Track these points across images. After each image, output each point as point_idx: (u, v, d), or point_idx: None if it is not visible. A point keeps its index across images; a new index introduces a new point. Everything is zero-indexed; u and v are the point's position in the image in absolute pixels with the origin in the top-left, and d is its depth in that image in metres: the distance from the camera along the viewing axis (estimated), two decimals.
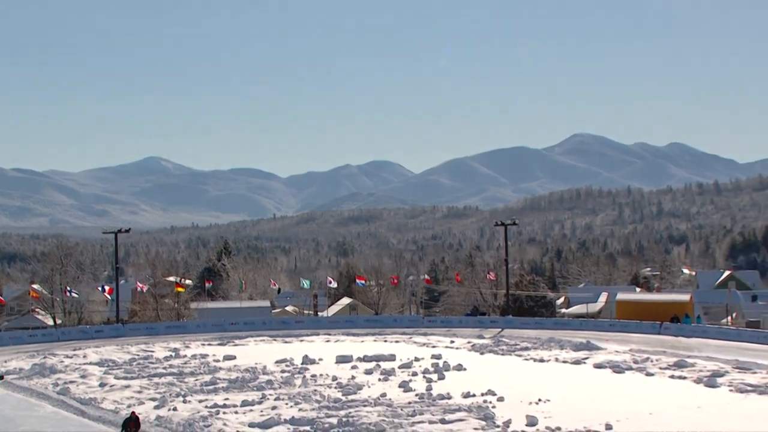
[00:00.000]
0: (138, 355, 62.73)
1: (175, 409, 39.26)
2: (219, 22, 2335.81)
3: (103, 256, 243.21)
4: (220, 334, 78.00)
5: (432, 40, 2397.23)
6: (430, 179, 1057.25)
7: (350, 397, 41.44)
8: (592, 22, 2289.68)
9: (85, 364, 58.14)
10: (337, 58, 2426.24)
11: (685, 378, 48.20)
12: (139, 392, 44.95)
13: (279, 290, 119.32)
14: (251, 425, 35.05)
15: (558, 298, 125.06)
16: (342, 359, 56.24)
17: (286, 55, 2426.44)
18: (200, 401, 41.23)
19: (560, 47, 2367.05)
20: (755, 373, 49.49)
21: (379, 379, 47.93)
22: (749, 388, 44.10)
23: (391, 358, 56.70)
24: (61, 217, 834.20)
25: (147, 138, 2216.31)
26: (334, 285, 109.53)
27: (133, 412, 29.92)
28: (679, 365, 52.52)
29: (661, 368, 51.93)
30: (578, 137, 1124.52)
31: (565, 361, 56.66)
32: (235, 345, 69.31)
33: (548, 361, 57.20)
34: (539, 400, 39.97)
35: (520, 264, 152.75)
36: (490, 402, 39.59)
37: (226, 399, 41.62)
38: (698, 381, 46.81)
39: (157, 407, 39.86)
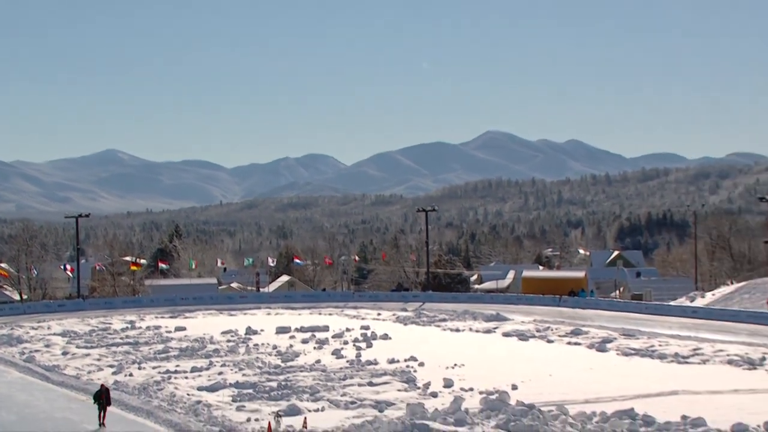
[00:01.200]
0: (97, 326, 62.06)
1: (131, 374, 39.06)
2: (173, 21, 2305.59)
3: (65, 238, 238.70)
4: (172, 308, 77.30)
5: (364, 41, 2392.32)
6: (360, 170, 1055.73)
7: (288, 364, 41.45)
8: (499, 29, 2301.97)
9: (49, 334, 57.56)
10: (277, 60, 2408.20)
11: (580, 344, 49.03)
12: (99, 360, 44.60)
13: (225, 269, 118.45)
14: (200, 389, 34.88)
15: (472, 276, 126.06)
16: (281, 330, 56.19)
17: (231, 56, 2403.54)
18: (154, 368, 40.98)
19: (474, 51, 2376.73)
20: (638, 339, 50.51)
21: (314, 348, 47.99)
22: (633, 351, 45.17)
23: (325, 329, 56.78)
24: (27, 204, 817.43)
25: (105, 131, 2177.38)
26: (274, 264, 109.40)
27: (102, 385, 29.19)
28: (575, 333, 53.39)
29: (559, 336, 52.76)
30: (490, 134, 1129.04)
31: (477, 331, 57.24)
32: (186, 318, 68.82)
33: (463, 330, 57.73)
34: (455, 364, 40.31)
35: (439, 245, 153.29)
36: (412, 367, 39.85)
37: (177, 366, 41.38)
38: (591, 346, 47.68)
39: (114, 373, 39.62)
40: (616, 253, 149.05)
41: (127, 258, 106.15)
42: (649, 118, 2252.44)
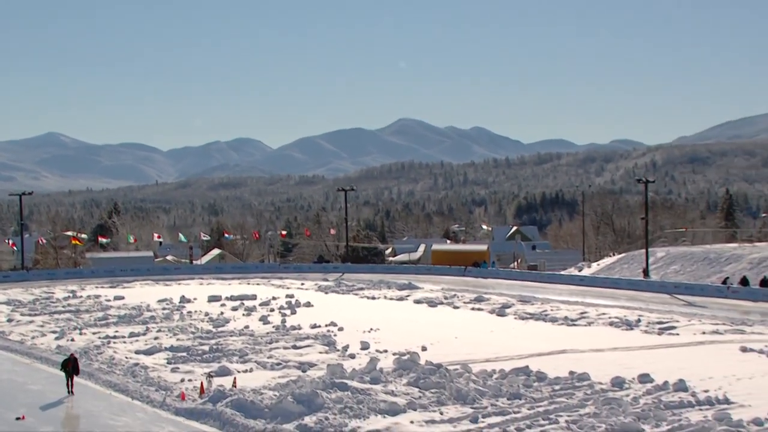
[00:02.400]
0: (41, 296, 60.49)
1: (72, 339, 38.39)
2: (110, 8, 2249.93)
3: (9, 215, 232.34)
4: (111, 279, 75.80)
5: (288, 33, 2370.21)
6: (285, 153, 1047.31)
7: (219, 329, 41.17)
8: (411, 23, 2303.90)
9: None
10: (208, 49, 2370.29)
11: (482, 309, 49.59)
12: (42, 326, 43.59)
13: (161, 243, 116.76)
14: (137, 352, 34.46)
15: (386, 249, 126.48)
16: (213, 298, 55.66)
17: (165, 45, 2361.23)
18: (94, 333, 40.29)
19: (388, 44, 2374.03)
20: (533, 304, 51.28)
21: (243, 315, 47.70)
22: (528, 315, 45.89)
23: (253, 297, 56.41)
24: None
25: (47, 115, 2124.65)
26: (206, 238, 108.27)
27: (72, 354, 28.30)
28: (478, 300, 53.99)
29: (464, 302, 53.26)
30: (403, 121, 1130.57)
31: (391, 299, 57.45)
32: (124, 288, 67.50)
33: (378, 298, 57.92)
34: (371, 329, 40.48)
35: (357, 222, 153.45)
36: (332, 331, 39.93)
37: (116, 331, 40.77)
38: (492, 311, 48.27)
39: (57, 338, 38.86)
40: (514, 228, 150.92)
41: (69, 233, 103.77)
42: (544, 108, 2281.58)
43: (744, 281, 58.02)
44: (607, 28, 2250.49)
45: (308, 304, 52.34)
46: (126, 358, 33.11)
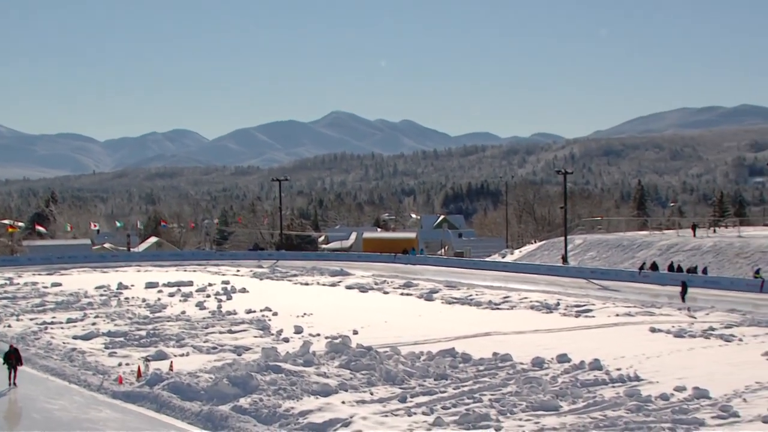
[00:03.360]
0: None
1: (9, 326, 37.35)
2: None
3: None
4: (48, 267, 74.13)
5: (224, 25, 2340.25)
6: (221, 144, 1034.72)
7: (156, 315, 40.56)
8: (342, 18, 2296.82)
9: None
10: (144, 41, 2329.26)
11: (411, 295, 49.72)
12: None
13: (98, 231, 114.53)
14: (74, 337, 33.72)
15: (319, 237, 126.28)
16: (150, 285, 54.82)
17: (102, 36, 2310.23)
18: (31, 319, 39.24)
19: (321, 39, 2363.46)
20: (459, 289, 51.67)
21: (180, 301, 47.04)
22: (455, 300, 46.22)
23: (190, 283, 55.70)
24: None
25: None
26: (143, 227, 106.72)
27: (11, 345, 27.32)
28: (407, 285, 54.15)
29: (394, 288, 53.32)
30: (335, 114, 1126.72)
31: (324, 284, 57.30)
32: (61, 275, 65.89)
33: (311, 284, 57.70)
34: (304, 313, 40.31)
35: (291, 211, 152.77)
36: (267, 316, 39.67)
37: (54, 317, 39.79)
38: (420, 296, 48.47)
39: None
40: (442, 217, 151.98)
41: (5, 221, 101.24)
42: (469, 102, 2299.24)
43: (654, 266, 59.49)
44: (527, 27, 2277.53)
45: (243, 290, 51.91)
46: (63, 343, 32.38)
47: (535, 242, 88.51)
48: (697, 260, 59.72)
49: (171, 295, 49.89)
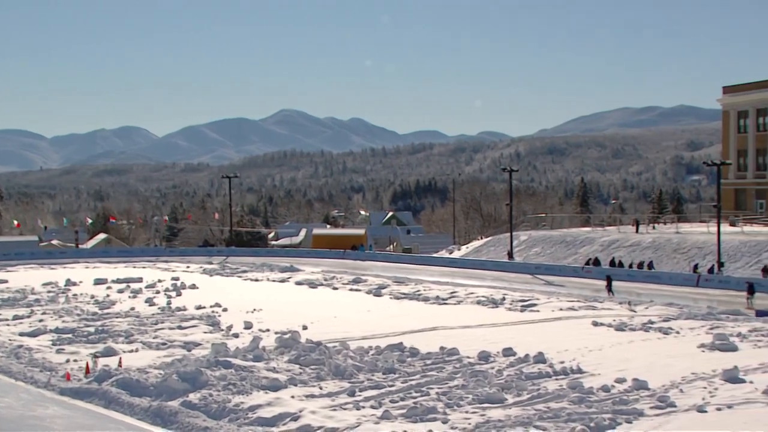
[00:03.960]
0: None
1: None
2: None
3: None
4: None
5: (173, 22, 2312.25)
6: (171, 141, 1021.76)
7: (105, 311, 39.97)
8: (289, 17, 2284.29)
9: None
10: (93, 38, 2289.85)
11: (360, 290, 49.73)
12: None
13: (45, 227, 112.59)
14: (21, 334, 33.06)
15: (269, 233, 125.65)
16: (99, 281, 53.97)
17: (50, 31, 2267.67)
18: None
19: (270, 36, 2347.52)
20: (407, 285, 51.79)
21: (129, 297, 46.41)
22: (403, 295, 46.32)
23: (139, 280, 54.99)
24: None
25: None
26: (91, 223, 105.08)
27: None
28: (356, 281, 54.17)
29: (343, 284, 53.26)
30: (284, 111, 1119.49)
31: (274, 280, 57.05)
32: (8, 271, 64.10)
33: (261, 280, 57.41)
34: (254, 309, 40.13)
35: (241, 207, 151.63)
36: (217, 312, 39.40)
37: None
38: (369, 292, 48.47)
39: None
40: (390, 214, 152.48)
41: None
42: (418, 101, 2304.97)
43: (596, 262, 60.31)
44: (474, 27, 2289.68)
45: (193, 287, 51.44)
46: (9, 340, 31.69)
47: (482, 238, 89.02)
48: (638, 256, 60.67)
49: (120, 291, 49.17)
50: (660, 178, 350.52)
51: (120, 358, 26.83)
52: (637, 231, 69.71)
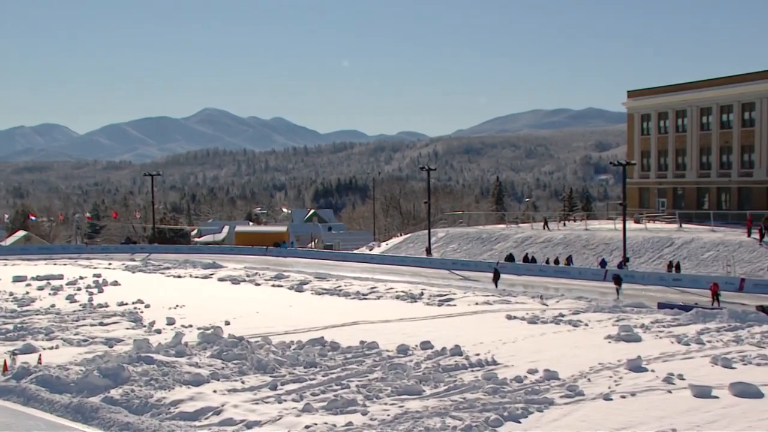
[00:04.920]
0: None
1: None
2: None
3: None
4: None
5: (97, 18, 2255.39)
6: (92, 139, 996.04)
7: (25, 308, 38.71)
8: (211, 19, 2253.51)
9: None
10: (12, 33, 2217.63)
11: (282, 286, 49.45)
12: None
13: None
14: None
15: (192, 230, 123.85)
16: (18, 279, 52.21)
17: None
18: None
19: (192, 36, 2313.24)
20: (329, 280, 51.66)
21: (50, 294, 45.05)
22: (324, 291, 46.20)
23: (60, 277, 53.44)
24: None
25: None
26: (9, 220, 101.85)
27: None
28: (278, 277, 53.84)
29: (266, 280, 52.89)
30: (207, 110, 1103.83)
31: (196, 277, 56.24)
32: None
33: (184, 277, 56.53)
34: (177, 305, 39.50)
35: (164, 205, 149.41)
36: (139, 308, 38.64)
37: None
38: (291, 288, 48.22)
39: None
40: (312, 211, 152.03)
41: None
42: (339, 101, 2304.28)
43: (510, 258, 61.29)
44: (393, 30, 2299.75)
45: (115, 283, 50.32)
46: None
47: (401, 235, 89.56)
48: (550, 251, 61.90)
49: (40, 288, 47.72)
50: (570, 178, 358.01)
51: (40, 355, 26.02)
52: (544, 228, 71.03)
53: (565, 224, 76.93)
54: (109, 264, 66.52)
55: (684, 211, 67.58)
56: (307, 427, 18.29)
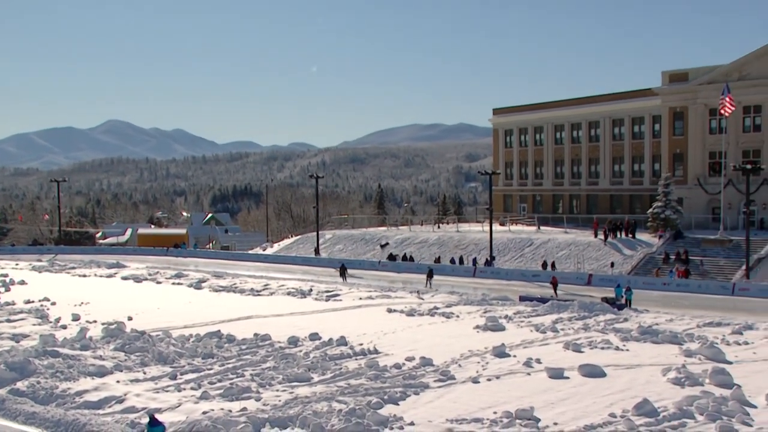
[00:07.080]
0: None
1: None
2: None
3: None
4: None
5: (4, 28, 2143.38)
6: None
7: None
8: (109, 24, 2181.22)
9: None
10: None
11: (182, 284, 48.46)
12: None
13: None
14: None
15: (97, 233, 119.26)
16: None
17: None
18: None
19: (93, 43, 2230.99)
20: (225, 278, 50.84)
21: None
22: (221, 288, 45.51)
23: None
24: None
25: None
26: None
27: None
28: (178, 276, 52.62)
29: (167, 278, 51.71)
30: (111, 122, 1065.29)
31: (101, 276, 54.35)
32: None
33: (89, 276, 54.50)
34: (82, 302, 38.22)
35: (70, 209, 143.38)
36: (46, 306, 37.09)
37: None
38: (190, 285, 47.31)
39: None
40: (210, 215, 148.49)
41: None
42: (235, 113, 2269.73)
43: (391, 257, 61.88)
44: (284, 44, 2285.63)
45: (22, 282, 48.05)
46: None
47: (292, 237, 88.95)
48: (426, 251, 62.83)
49: None
50: (444, 185, 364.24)
51: None
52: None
53: (439, 226, 78.22)
54: (17, 264, 63.37)
55: (542, 215, 69.85)
56: (204, 413, 18.01)
